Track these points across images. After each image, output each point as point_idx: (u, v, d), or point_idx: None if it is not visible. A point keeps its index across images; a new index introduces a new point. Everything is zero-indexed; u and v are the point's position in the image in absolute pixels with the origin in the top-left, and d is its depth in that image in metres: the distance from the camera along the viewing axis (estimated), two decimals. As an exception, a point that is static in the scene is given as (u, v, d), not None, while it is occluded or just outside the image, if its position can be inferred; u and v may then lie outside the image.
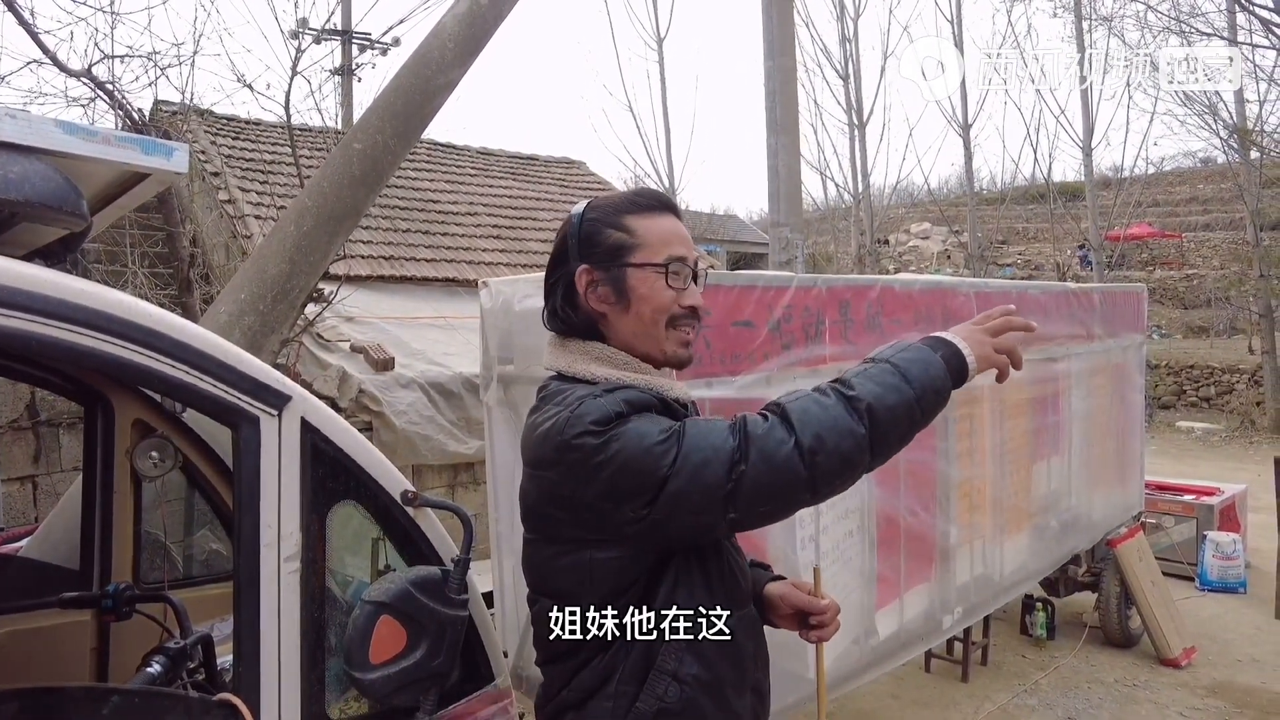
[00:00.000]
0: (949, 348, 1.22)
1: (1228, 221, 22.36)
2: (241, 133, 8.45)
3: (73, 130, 1.27)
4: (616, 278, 1.26)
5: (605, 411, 1.14)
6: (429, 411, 5.13)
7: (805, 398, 1.15)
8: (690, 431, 1.13)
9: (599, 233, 1.27)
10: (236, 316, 3.05)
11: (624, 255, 1.26)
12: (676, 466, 1.11)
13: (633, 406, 1.17)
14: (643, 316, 1.26)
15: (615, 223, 1.27)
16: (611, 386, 1.21)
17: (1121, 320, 5.35)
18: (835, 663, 3.11)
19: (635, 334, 1.27)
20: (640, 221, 1.27)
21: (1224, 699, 4.36)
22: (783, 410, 1.13)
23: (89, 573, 2.21)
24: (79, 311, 1.15)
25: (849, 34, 17.61)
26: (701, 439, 1.12)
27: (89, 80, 4.23)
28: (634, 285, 1.26)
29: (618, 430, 1.13)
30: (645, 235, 1.27)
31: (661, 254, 1.26)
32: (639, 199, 1.31)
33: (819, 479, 1.11)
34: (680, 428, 1.14)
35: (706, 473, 1.10)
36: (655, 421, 1.16)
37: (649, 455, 1.12)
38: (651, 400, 1.20)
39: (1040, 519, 4.50)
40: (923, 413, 1.17)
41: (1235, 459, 11.54)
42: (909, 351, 1.20)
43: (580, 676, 1.23)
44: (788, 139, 5.57)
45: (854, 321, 3.13)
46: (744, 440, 1.11)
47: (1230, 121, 13.74)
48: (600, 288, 1.27)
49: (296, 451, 1.37)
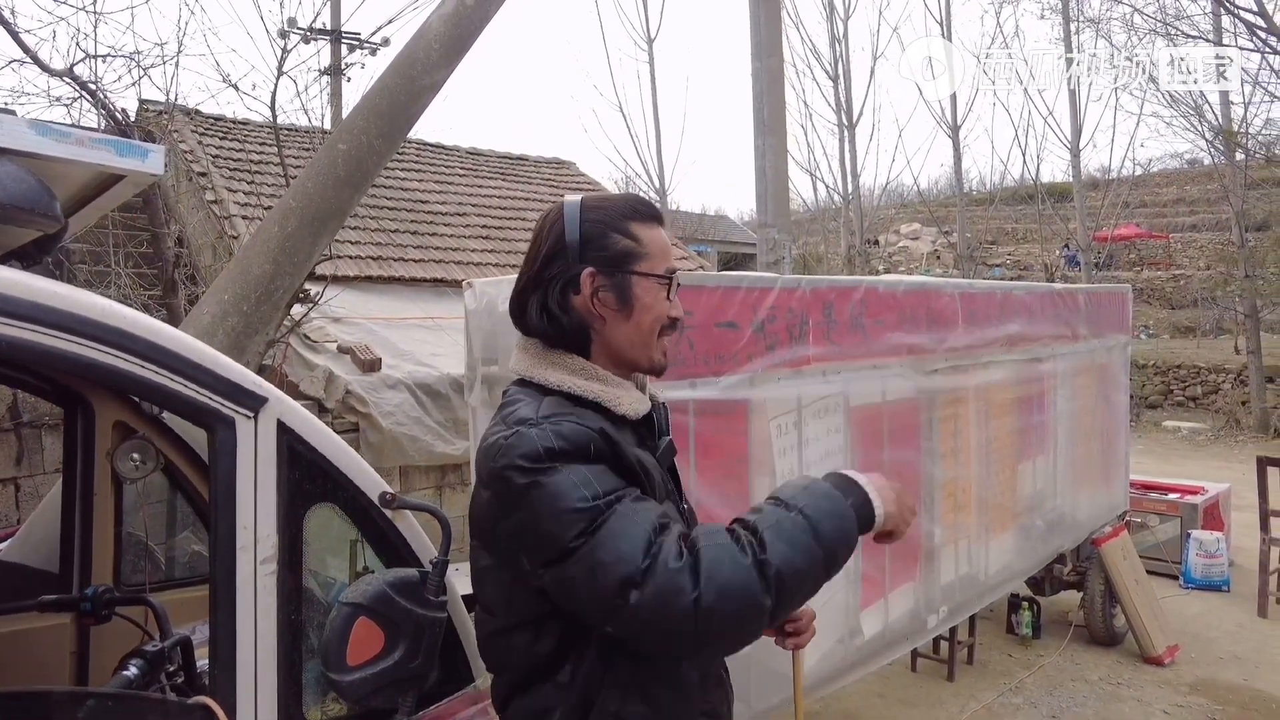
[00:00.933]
0: (859, 497, 1.18)
1: (1214, 222, 22.54)
2: (229, 132, 8.41)
3: (45, 131, 1.26)
4: (621, 285, 1.26)
5: (535, 448, 1.11)
6: (416, 412, 5.12)
7: (722, 547, 1.07)
8: (612, 520, 1.08)
9: (605, 236, 1.26)
10: (220, 318, 3.04)
11: (630, 263, 1.26)
12: (580, 551, 1.07)
13: (567, 443, 1.12)
14: (642, 325, 1.27)
15: (623, 229, 1.27)
16: (552, 413, 1.16)
17: (1106, 321, 5.39)
18: (820, 662, 3.12)
19: (630, 342, 1.28)
20: (645, 231, 1.28)
21: (1206, 696, 4.39)
22: (696, 554, 1.06)
23: (69, 575, 2.20)
24: (50, 314, 1.15)
25: (839, 34, 17.71)
26: (618, 537, 1.06)
27: (71, 80, 4.20)
28: (639, 294, 1.26)
29: (541, 478, 1.09)
30: (650, 245, 1.28)
31: (662, 265, 1.28)
32: (641, 208, 1.31)
33: (706, 635, 1.06)
34: (605, 507, 1.08)
35: (601, 575, 1.05)
36: (584, 480, 1.10)
37: (559, 520, 1.08)
38: (589, 436, 1.14)
39: (1025, 518, 4.52)
40: (827, 573, 1.13)
41: (1221, 458, 11.63)
42: (824, 502, 1.15)
43: (517, 705, 1.22)
44: (775, 140, 5.58)
45: (837, 322, 3.14)
46: (651, 566, 1.04)
47: (1216, 123, 13.85)
48: (603, 293, 1.25)
49: (273, 454, 1.37)
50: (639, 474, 1.19)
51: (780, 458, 2.94)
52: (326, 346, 5.43)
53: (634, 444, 1.24)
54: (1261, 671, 4.67)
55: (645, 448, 1.28)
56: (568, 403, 1.21)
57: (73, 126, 3.65)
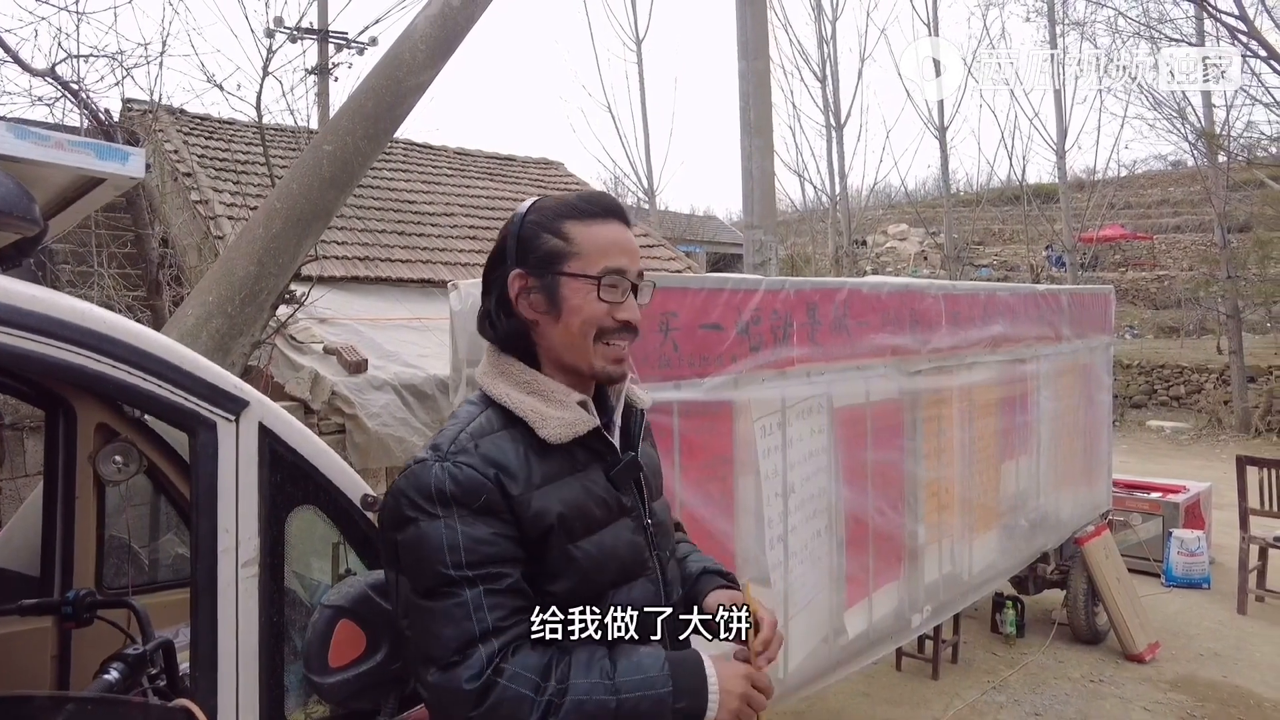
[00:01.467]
0: (694, 704, 1.12)
1: (1197, 224, 22.76)
2: (215, 132, 8.35)
3: (24, 135, 1.26)
4: (549, 285, 1.21)
5: (426, 486, 1.11)
6: (402, 414, 5.10)
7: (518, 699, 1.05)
8: (451, 604, 1.08)
9: (536, 237, 1.23)
10: (204, 319, 3.03)
11: (557, 263, 1.21)
12: (421, 606, 1.10)
13: (459, 490, 1.11)
14: (571, 328, 1.21)
15: (554, 228, 1.22)
16: (462, 449, 1.14)
17: (1089, 321, 5.44)
18: (805, 661, 3.14)
19: (564, 345, 1.23)
20: (580, 229, 1.22)
21: (1186, 693, 4.45)
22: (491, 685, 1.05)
23: (50, 579, 2.19)
24: (28, 318, 1.15)
25: (826, 36, 17.78)
26: (447, 621, 1.07)
27: (53, 80, 4.17)
28: (565, 295, 1.21)
29: (422, 521, 1.10)
30: (582, 244, 1.22)
31: (597, 265, 1.21)
32: (583, 204, 1.25)
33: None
34: (458, 584, 1.08)
35: (420, 639, 1.10)
36: (454, 544, 1.09)
37: (419, 568, 1.10)
38: (482, 487, 1.11)
39: (1009, 518, 4.56)
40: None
41: (1203, 457, 11.76)
42: (649, 695, 1.09)
43: None
44: (762, 142, 5.61)
45: (822, 324, 3.16)
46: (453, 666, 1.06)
47: (1198, 126, 14.00)
48: (533, 295, 1.22)
49: (254, 456, 1.37)
50: (528, 533, 1.14)
51: (764, 458, 2.96)
52: (313, 348, 5.40)
53: (565, 470, 1.19)
54: (1241, 668, 4.73)
55: (596, 463, 1.24)
56: (500, 420, 1.20)
57: (53, 129, 3.63)
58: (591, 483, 1.22)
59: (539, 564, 1.16)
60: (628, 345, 1.27)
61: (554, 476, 1.18)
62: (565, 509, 1.16)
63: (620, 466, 1.25)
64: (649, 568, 1.26)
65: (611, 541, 1.20)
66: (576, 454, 1.22)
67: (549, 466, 1.18)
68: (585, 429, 1.20)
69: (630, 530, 1.24)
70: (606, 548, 1.20)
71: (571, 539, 1.17)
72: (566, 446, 1.20)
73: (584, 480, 1.21)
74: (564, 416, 1.19)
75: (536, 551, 1.15)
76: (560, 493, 1.17)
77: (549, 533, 1.15)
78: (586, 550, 1.18)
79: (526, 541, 1.14)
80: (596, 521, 1.20)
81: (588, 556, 1.17)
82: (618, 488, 1.25)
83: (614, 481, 1.24)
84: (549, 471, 1.18)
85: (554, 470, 1.18)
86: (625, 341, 1.25)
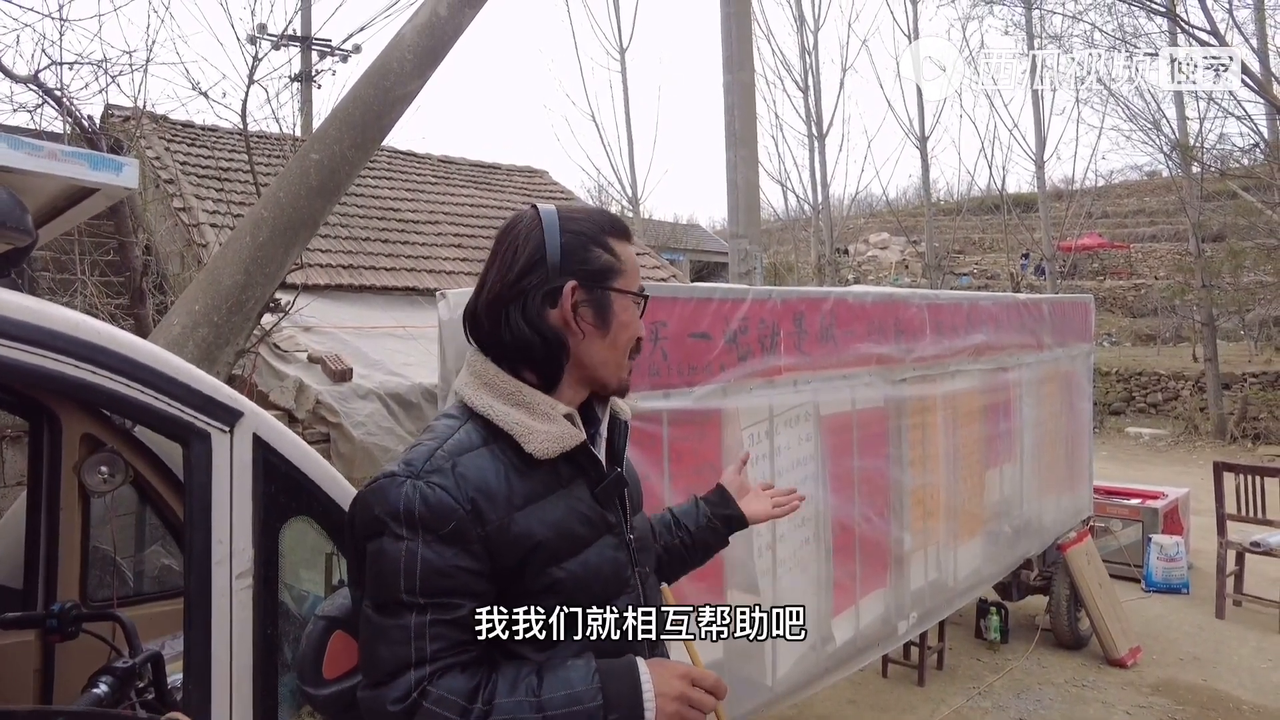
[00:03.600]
0: (628, 711, 1.08)
1: (1172, 233, 23.14)
2: (197, 139, 8.29)
3: (17, 144, 1.26)
4: (601, 300, 1.22)
5: (395, 506, 1.08)
6: (388, 423, 5.08)
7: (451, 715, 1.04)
8: (397, 626, 1.07)
9: (587, 250, 1.22)
10: (190, 328, 3.01)
11: (611, 279, 1.23)
12: (372, 618, 1.10)
13: (428, 513, 1.08)
14: (618, 343, 1.24)
15: (604, 244, 1.24)
16: (437, 468, 1.11)
17: (1070, 330, 5.51)
18: (793, 668, 3.15)
19: (604, 360, 1.23)
20: (622, 247, 1.26)
21: (1167, 696, 4.50)
22: (415, 709, 1.05)
23: (33, 591, 2.16)
24: (22, 328, 1.14)
25: (809, 47, 17.91)
26: (389, 641, 1.07)
27: (36, 86, 4.14)
28: (617, 311, 1.23)
29: (386, 538, 1.08)
30: (626, 261, 1.26)
31: (635, 283, 1.26)
32: (617, 224, 1.29)
33: None
34: (408, 607, 1.07)
35: (364, 650, 1.11)
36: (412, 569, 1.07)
37: (377, 582, 1.09)
38: (453, 513, 1.09)
39: (993, 524, 4.61)
40: None
41: (1180, 463, 11.92)
42: (575, 714, 1.07)
43: None
44: (746, 152, 5.65)
45: (808, 333, 3.19)
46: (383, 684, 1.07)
47: (1173, 137, 14.26)
48: (584, 308, 1.21)
49: (249, 467, 1.37)
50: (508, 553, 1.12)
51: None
52: (297, 356, 5.36)
53: (549, 487, 1.17)
54: (1220, 672, 4.80)
55: (580, 478, 1.22)
56: (480, 435, 1.17)
57: (44, 138, 3.60)
58: (576, 500, 1.20)
59: (519, 585, 1.13)
60: None
61: (536, 496, 1.15)
62: (549, 532, 1.14)
63: (606, 483, 1.23)
64: (630, 585, 1.24)
65: (596, 560, 1.18)
66: (561, 469, 1.19)
67: (531, 485, 1.15)
68: (572, 443, 1.18)
69: (613, 547, 1.22)
70: (591, 567, 1.17)
71: (556, 561, 1.15)
72: (550, 461, 1.17)
73: (568, 498, 1.19)
74: (550, 430, 1.16)
75: (515, 575, 1.13)
76: (542, 514, 1.15)
77: (530, 554, 1.12)
78: (571, 570, 1.15)
79: (500, 569, 1.12)
80: (581, 540, 1.18)
81: (572, 577, 1.15)
82: (602, 504, 1.23)
83: (598, 498, 1.22)
84: (531, 490, 1.15)
85: (536, 489, 1.16)
86: (635, 357, 1.30)
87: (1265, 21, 11.83)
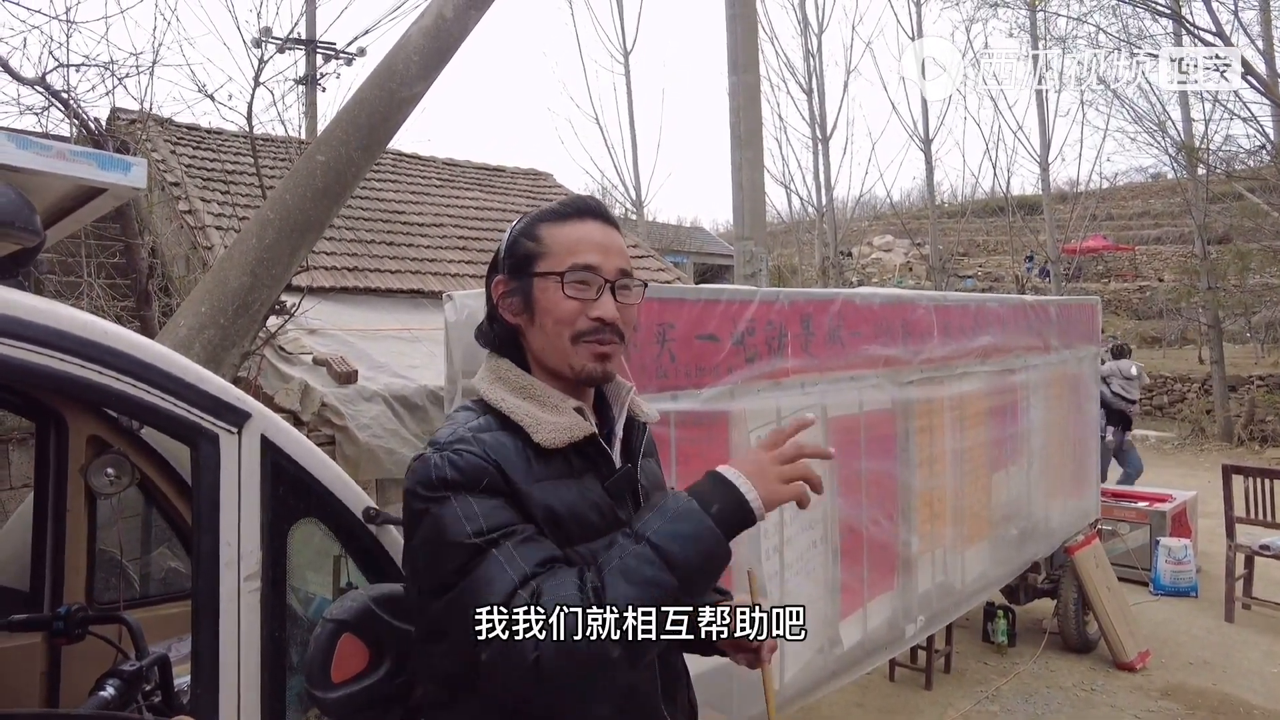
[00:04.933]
0: (727, 499, 1.09)
1: (1177, 235, 23.06)
2: (203, 142, 8.31)
3: (25, 144, 1.25)
4: (525, 288, 1.22)
5: (428, 476, 1.11)
6: (393, 425, 5.07)
7: (564, 600, 1.01)
8: (487, 564, 1.05)
9: (516, 243, 1.25)
10: (197, 330, 3.00)
11: (529, 265, 1.22)
12: (453, 591, 1.06)
13: (460, 474, 1.10)
14: (545, 329, 1.21)
15: (529, 233, 1.24)
16: (459, 439, 1.14)
17: (1077, 332, 5.49)
18: (800, 672, 3.14)
19: (543, 348, 1.23)
20: (551, 229, 1.23)
21: (1177, 700, 4.47)
22: (538, 610, 1.02)
23: (40, 593, 2.16)
24: (32, 329, 1.13)
25: (813, 49, 17.93)
26: (486, 586, 1.04)
27: (43, 89, 4.14)
28: (536, 296, 1.21)
29: (433, 506, 1.09)
30: (552, 243, 1.22)
31: (564, 262, 1.20)
32: (561, 207, 1.26)
33: (551, 691, 1.02)
34: (485, 546, 1.06)
35: (463, 621, 1.04)
36: (471, 513, 1.08)
37: (441, 553, 1.08)
38: (483, 470, 1.10)
39: (1000, 527, 4.58)
40: (690, 595, 1.07)
41: (1187, 465, 11.87)
42: (679, 522, 1.07)
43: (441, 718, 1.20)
44: (752, 154, 5.64)
45: (815, 335, 3.17)
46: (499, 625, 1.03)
47: (1178, 139, 14.22)
48: (511, 299, 1.24)
49: (257, 469, 1.36)
50: (536, 519, 1.13)
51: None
52: (302, 358, 5.37)
53: (562, 474, 1.18)
54: (1230, 675, 4.77)
55: (592, 472, 1.21)
56: (496, 424, 1.18)
57: (52, 139, 3.60)
58: (587, 490, 1.20)
59: None
60: (612, 345, 1.22)
61: (551, 478, 1.17)
62: (564, 509, 1.15)
63: (616, 477, 1.23)
64: None
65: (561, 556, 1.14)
66: (573, 461, 1.20)
67: (546, 469, 1.17)
68: (581, 434, 1.18)
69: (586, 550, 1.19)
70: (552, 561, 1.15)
71: (569, 541, 1.15)
72: (562, 453, 1.18)
73: (580, 486, 1.19)
74: (559, 421, 1.18)
75: None
76: (559, 493, 1.16)
77: (549, 524, 1.13)
78: (581, 555, 1.15)
79: None
80: (593, 528, 1.18)
81: (582, 561, 1.14)
82: (614, 499, 1.22)
83: (610, 492, 1.22)
84: (546, 473, 1.17)
85: (550, 473, 1.17)
86: (605, 341, 1.21)
87: (1271, 22, 11.79)
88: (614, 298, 1.21)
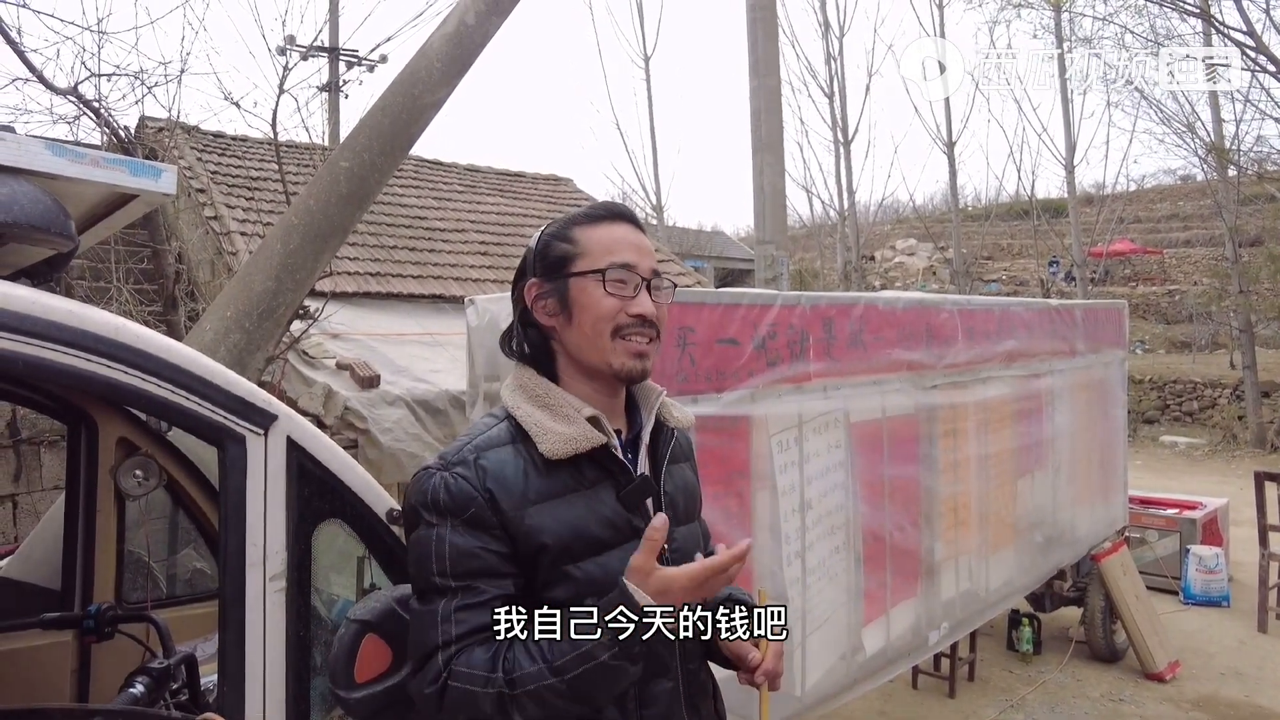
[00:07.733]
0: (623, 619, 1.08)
1: (1207, 238, 22.70)
2: (228, 149, 8.43)
3: (60, 152, 1.28)
4: (560, 289, 1.23)
5: (424, 496, 1.17)
6: (415, 429, 5.10)
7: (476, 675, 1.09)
8: (428, 613, 1.14)
9: (549, 246, 1.26)
10: (222, 334, 3.05)
11: (566, 266, 1.24)
12: (416, 605, 1.17)
13: (451, 501, 1.14)
14: (584, 327, 1.22)
15: (563, 235, 1.26)
16: (462, 460, 1.18)
17: (1103, 336, 5.41)
18: (823, 679, 3.11)
19: (581, 347, 1.23)
20: (585, 231, 1.25)
21: (1208, 712, 4.38)
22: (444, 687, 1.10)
23: (70, 593, 2.20)
24: (66, 332, 1.16)
25: (834, 52, 17.87)
26: (423, 626, 1.14)
27: (75, 98, 4.23)
28: (575, 295, 1.22)
29: (421, 528, 1.16)
30: (588, 244, 1.24)
31: (602, 261, 1.22)
32: (591, 210, 1.28)
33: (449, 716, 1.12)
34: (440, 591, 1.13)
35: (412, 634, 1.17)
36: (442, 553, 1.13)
37: (419, 569, 1.16)
38: (472, 500, 1.14)
39: (1025, 534, 4.52)
40: None
41: (1218, 473, 11.65)
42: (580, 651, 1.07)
43: None
44: (772, 158, 5.63)
45: (838, 339, 3.16)
46: (420, 669, 1.13)
47: (1208, 140, 13.99)
48: (546, 300, 1.25)
49: (282, 470, 1.38)
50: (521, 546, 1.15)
51: (781, 474, 2.94)
52: (325, 363, 5.42)
53: (569, 488, 1.18)
54: (1263, 687, 4.67)
55: (606, 481, 1.21)
56: (510, 433, 1.21)
57: (85, 146, 3.68)
58: (599, 502, 1.19)
59: (535, 576, 1.16)
60: (649, 342, 1.24)
61: (554, 494, 1.17)
62: (561, 529, 1.15)
63: (630, 488, 1.21)
64: None
65: (618, 565, 1.12)
66: (585, 471, 1.20)
67: (550, 484, 1.17)
68: (586, 446, 1.18)
69: None
70: (611, 570, 1.13)
71: (572, 559, 1.15)
72: (574, 463, 1.18)
73: (589, 499, 1.19)
74: (565, 432, 1.18)
75: (530, 566, 1.16)
76: (556, 511, 1.16)
77: (540, 551, 1.15)
78: (588, 571, 1.15)
79: (520, 556, 1.16)
80: (601, 543, 1.17)
81: (587, 576, 1.15)
82: (628, 509, 1.21)
83: (623, 502, 1.20)
84: (549, 488, 1.17)
85: (555, 487, 1.17)
86: (644, 337, 1.23)
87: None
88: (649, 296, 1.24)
